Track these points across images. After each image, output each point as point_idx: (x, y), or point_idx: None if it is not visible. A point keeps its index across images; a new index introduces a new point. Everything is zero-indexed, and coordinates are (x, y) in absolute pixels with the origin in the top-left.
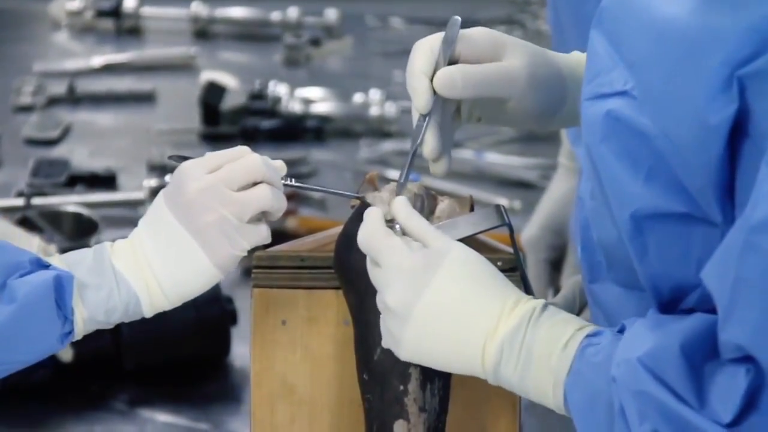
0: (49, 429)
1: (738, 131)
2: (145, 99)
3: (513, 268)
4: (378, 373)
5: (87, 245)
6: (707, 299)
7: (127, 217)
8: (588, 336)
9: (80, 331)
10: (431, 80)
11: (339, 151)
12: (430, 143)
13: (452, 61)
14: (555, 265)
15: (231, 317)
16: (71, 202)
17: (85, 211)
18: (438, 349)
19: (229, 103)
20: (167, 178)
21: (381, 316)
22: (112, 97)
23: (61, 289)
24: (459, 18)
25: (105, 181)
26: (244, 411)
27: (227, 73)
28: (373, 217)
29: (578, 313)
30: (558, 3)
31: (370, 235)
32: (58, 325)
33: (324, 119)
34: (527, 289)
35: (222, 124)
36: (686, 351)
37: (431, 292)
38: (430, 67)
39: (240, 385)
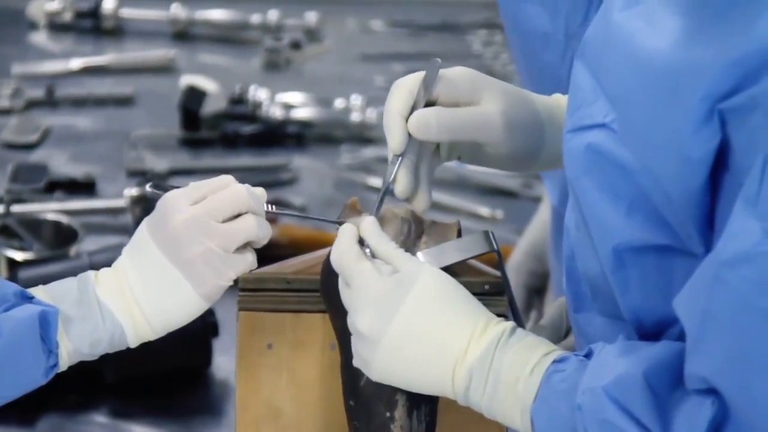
0: None
1: (719, 164)
2: (125, 102)
3: (500, 292)
4: (364, 400)
5: (67, 254)
6: None
7: (108, 224)
8: (554, 362)
9: (65, 363)
10: (407, 121)
11: (320, 157)
12: (402, 183)
13: (430, 103)
14: (538, 292)
15: (213, 329)
16: (51, 209)
17: (65, 219)
18: (408, 373)
19: (209, 108)
20: (148, 187)
21: (352, 337)
22: (91, 101)
23: (47, 324)
24: (439, 60)
25: (84, 187)
26: (225, 424)
27: (207, 77)
28: (346, 237)
29: (565, 335)
30: (515, 55)
31: (342, 256)
32: (43, 360)
33: (305, 124)
34: (515, 314)
35: (202, 129)
36: (650, 380)
37: (400, 319)
38: (406, 108)
39: (221, 397)
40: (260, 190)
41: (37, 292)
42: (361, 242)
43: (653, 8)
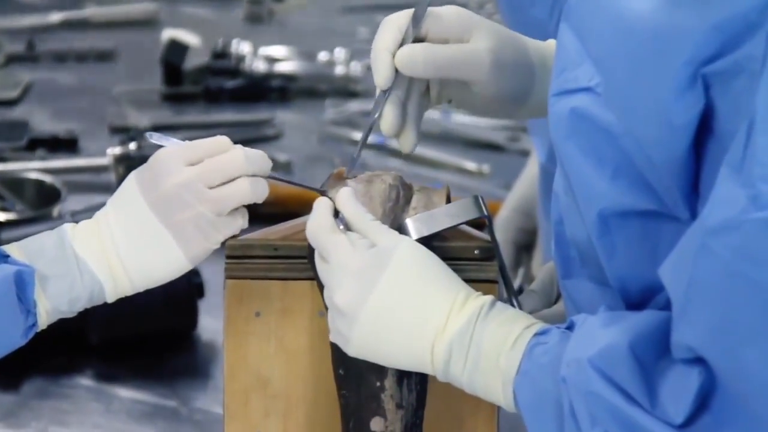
0: (11, 406)
1: (704, 129)
2: (106, 57)
3: (490, 257)
4: (354, 369)
5: (50, 215)
6: None
7: (91, 182)
8: (536, 335)
9: (44, 322)
10: (394, 57)
11: (304, 111)
12: (388, 119)
13: (419, 40)
14: (527, 248)
15: (198, 290)
16: (33, 168)
17: (47, 178)
18: (387, 348)
19: (192, 62)
20: (132, 146)
21: (328, 312)
22: (73, 55)
23: (23, 284)
24: None
25: (66, 144)
26: (212, 387)
27: (189, 31)
28: (321, 210)
29: (555, 300)
30: (502, 11)
31: (317, 229)
32: (21, 320)
33: (288, 78)
34: (505, 279)
35: (185, 83)
36: (635, 349)
37: (378, 293)
38: (394, 44)
39: (208, 359)
40: (261, 153)
41: (12, 249)
42: (338, 214)
43: None
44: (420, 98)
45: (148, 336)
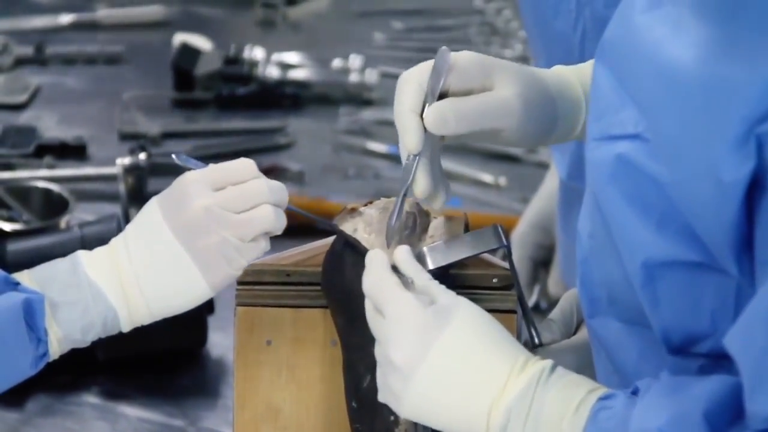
0: (15, 424)
1: (756, 187)
2: (116, 61)
3: (509, 286)
4: (367, 402)
5: (57, 226)
6: (720, 347)
7: (99, 191)
8: (600, 399)
9: (56, 351)
10: (421, 116)
11: (317, 119)
12: (421, 183)
13: (441, 94)
14: (544, 264)
15: (208, 306)
16: (40, 176)
17: (55, 187)
18: (440, 411)
19: (204, 67)
20: (141, 156)
21: (379, 368)
22: (82, 59)
23: (32, 311)
24: (448, 49)
25: (75, 150)
26: (220, 406)
27: (201, 35)
28: (378, 264)
29: (576, 329)
30: (526, 23)
31: (378, 283)
32: (31, 349)
33: (302, 85)
34: (524, 310)
35: (196, 89)
36: (710, 419)
37: (437, 352)
38: (418, 104)
39: (217, 377)
40: (280, 184)
41: (23, 277)
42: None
43: (678, 13)
44: (440, 150)
45: (156, 353)
